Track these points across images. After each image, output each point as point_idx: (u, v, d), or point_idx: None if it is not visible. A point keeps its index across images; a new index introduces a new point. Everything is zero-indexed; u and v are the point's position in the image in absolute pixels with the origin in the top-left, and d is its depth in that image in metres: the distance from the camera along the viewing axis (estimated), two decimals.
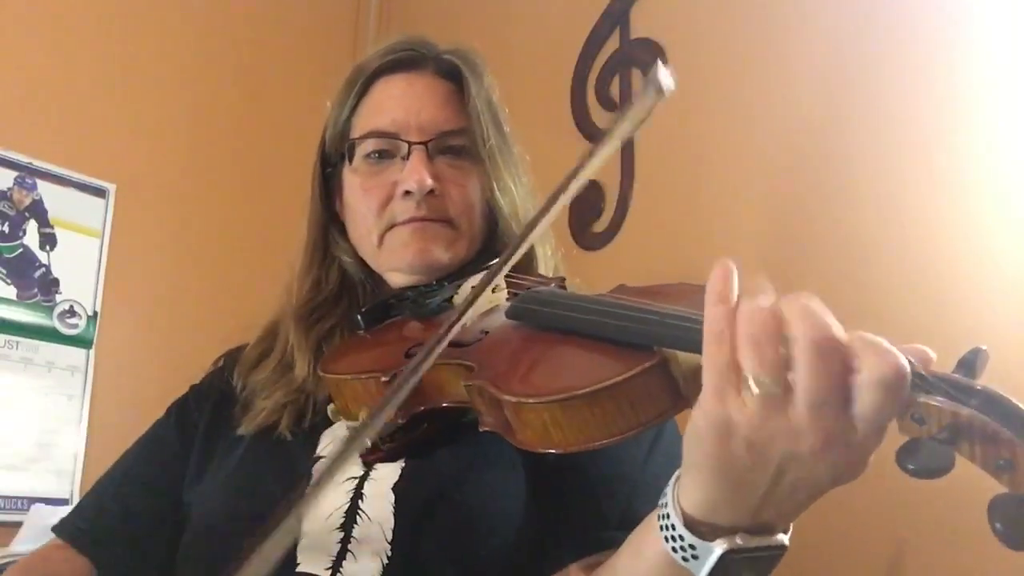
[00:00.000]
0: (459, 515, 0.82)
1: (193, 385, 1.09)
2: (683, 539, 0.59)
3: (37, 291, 1.92)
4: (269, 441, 0.93)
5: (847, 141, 1.51)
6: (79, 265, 1.99)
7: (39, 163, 1.94)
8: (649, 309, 0.66)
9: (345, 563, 0.80)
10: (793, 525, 0.61)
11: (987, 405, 0.49)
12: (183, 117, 2.20)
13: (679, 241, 1.76)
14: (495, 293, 0.90)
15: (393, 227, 0.99)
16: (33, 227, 1.93)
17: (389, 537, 0.80)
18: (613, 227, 1.86)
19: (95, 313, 2.00)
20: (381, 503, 0.82)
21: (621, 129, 0.66)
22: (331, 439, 0.92)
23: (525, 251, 0.79)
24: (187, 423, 1.04)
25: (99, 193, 2.03)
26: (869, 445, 0.54)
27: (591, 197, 1.89)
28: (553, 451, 0.66)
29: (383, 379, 0.81)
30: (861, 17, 1.53)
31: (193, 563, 0.90)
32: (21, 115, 1.94)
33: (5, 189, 1.89)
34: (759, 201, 1.64)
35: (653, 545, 0.63)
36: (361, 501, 0.83)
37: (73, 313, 1.97)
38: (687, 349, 0.61)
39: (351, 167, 1.03)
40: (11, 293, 1.89)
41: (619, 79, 1.93)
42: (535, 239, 0.86)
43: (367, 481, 0.85)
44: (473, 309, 0.72)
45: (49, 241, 1.95)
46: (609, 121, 0.73)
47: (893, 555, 1.30)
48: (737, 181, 1.67)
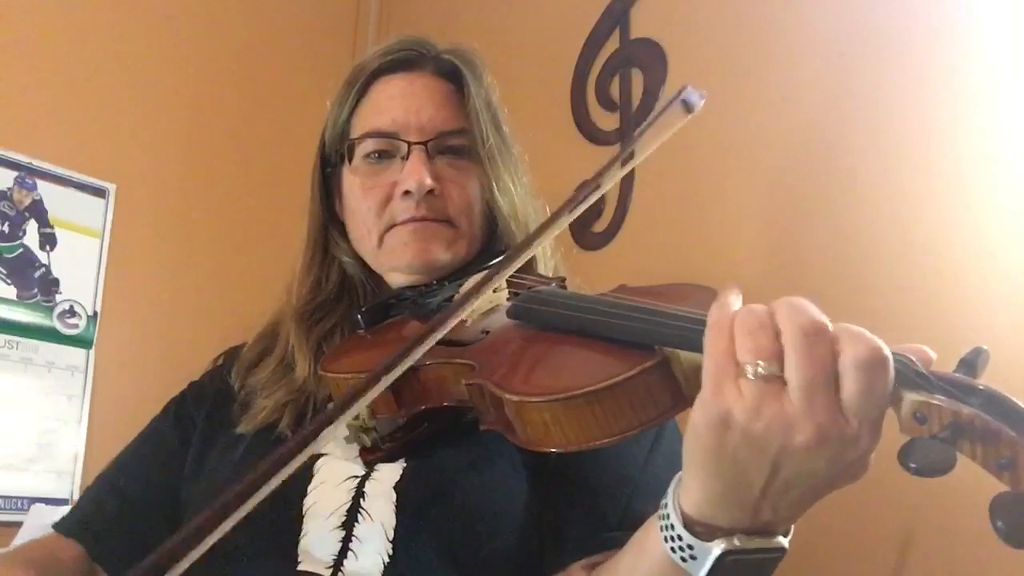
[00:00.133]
0: (460, 515, 0.82)
1: (192, 382, 1.09)
2: (682, 539, 0.60)
3: (37, 291, 1.92)
4: (269, 440, 0.93)
5: (847, 142, 1.51)
6: (79, 265, 1.99)
7: (39, 163, 1.94)
8: (651, 309, 0.67)
9: (346, 562, 0.80)
10: (793, 527, 0.62)
11: (988, 404, 0.50)
12: (183, 117, 2.20)
13: (679, 241, 1.75)
14: (496, 293, 0.90)
15: (393, 227, 0.99)
16: (33, 227, 1.93)
17: (390, 536, 0.80)
18: (613, 227, 1.86)
19: (95, 313, 2.00)
20: (383, 502, 0.82)
21: (645, 144, 0.68)
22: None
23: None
24: (185, 420, 1.03)
25: (99, 193, 2.03)
26: (864, 442, 0.54)
27: None
28: (555, 450, 0.67)
29: None
30: (861, 18, 1.53)
31: None
32: (21, 115, 1.94)
33: (5, 189, 1.89)
34: (759, 201, 1.64)
35: (654, 545, 0.63)
36: (362, 500, 0.83)
37: (73, 313, 1.96)
38: (689, 348, 0.61)
39: (351, 167, 1.03)
40: (11, 293, 1.88)
41: (619, 79, 1.93)
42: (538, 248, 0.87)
43: (368, 480, 0.85)
44: (473, 303, 0.72)
45: (49, 241, 1.95)
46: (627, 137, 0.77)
47: (893, 555, 1.30)
48: (737, 181, 1.67)
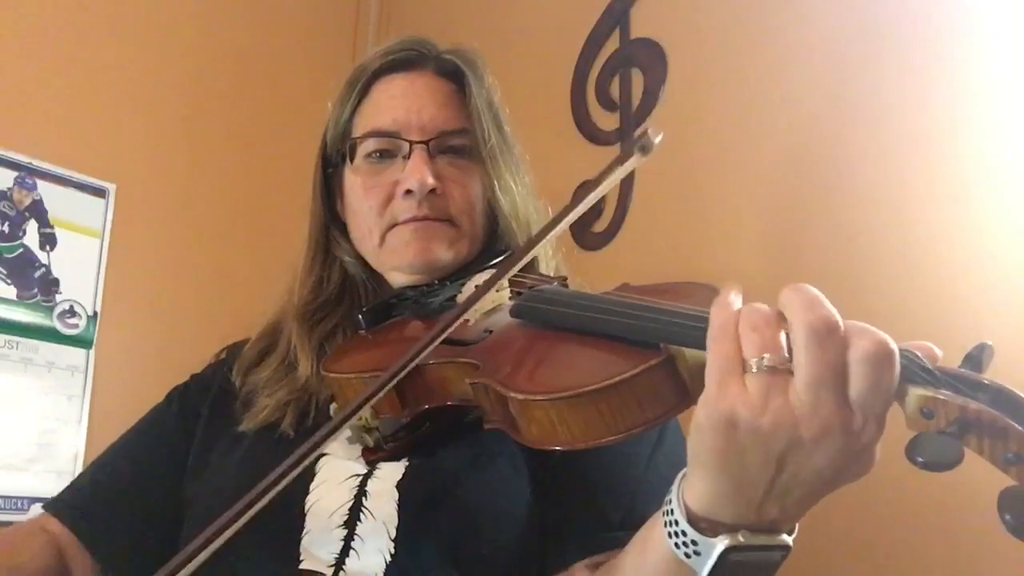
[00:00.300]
0: (463, 514, 0.82)
1: (194, 374, 1.09)
2: (686, 535, 0.60)
3: (37, 291, 1.92)
4: (271, 439, 0.92)
5: (847, 141, 1.51)
6: (79, 265, 1.98)
7: (39, 163, 1.94)
8: (655, 307, 0.67)
9: (348, 561, 0.80)
10: (797, 526, 0.62)
11: (996, 400, 0.50)
12: (183, 117, 2.19)
13: (679, 241, 1.75)
14: (498, 292, 0.90)
15: (394, 226, 0.99)
16: (33, 227, 1.93)
17: (393, 535, 0.80)
18: (613, 227, 1.86)
19: (95, 313, 1.99)
20: (385, 501, 0.82)
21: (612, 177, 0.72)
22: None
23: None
24: (188, 410, 1.03)
25: (99, 193, 2.03)
26: (869, 436, 0.54)
27: None
28: (559, 448, 0.67)
29: None
30: (861, 18, 1.53)
31: None
32: (21, 115, 1.93)
33: (5, 189, 1.89)
34: (759, 201, 1.64)
35: (658, 542, 0.63)
36: (365, 499, 0.83)
37: (73, 313, 1.96)
38: (693, 346, 0.61)
39: (352, 167, 1.03)
40: (11, 293, 1.88)
41: (619, 79, 1.93)
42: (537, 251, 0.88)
43: (371, 479, 0.85)
44: (478, 304, 0.73)
45: (49, 241, 1.95)
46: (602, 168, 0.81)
47: (893, 555, 1.30)
48: (737, 181, 1.67)
